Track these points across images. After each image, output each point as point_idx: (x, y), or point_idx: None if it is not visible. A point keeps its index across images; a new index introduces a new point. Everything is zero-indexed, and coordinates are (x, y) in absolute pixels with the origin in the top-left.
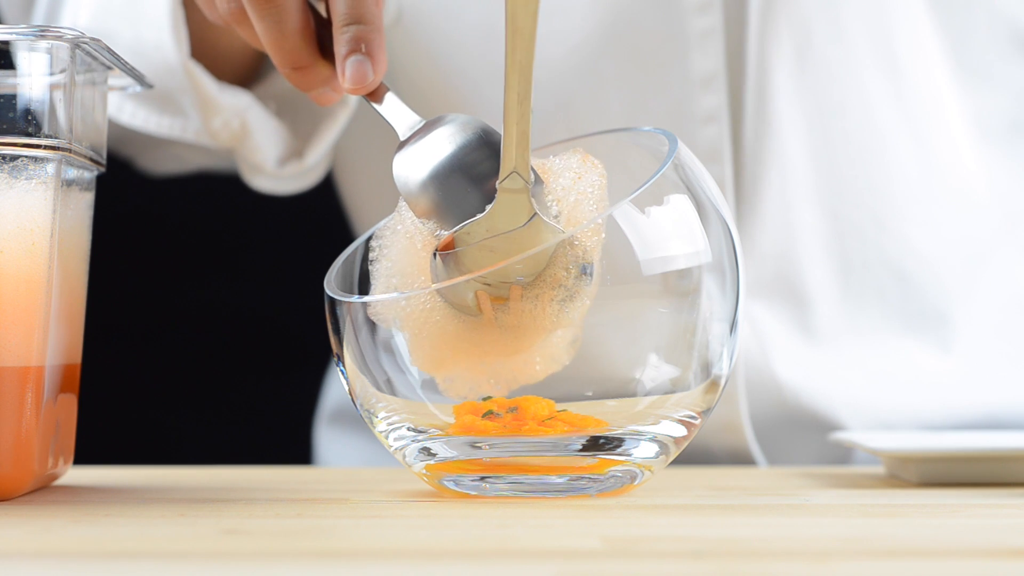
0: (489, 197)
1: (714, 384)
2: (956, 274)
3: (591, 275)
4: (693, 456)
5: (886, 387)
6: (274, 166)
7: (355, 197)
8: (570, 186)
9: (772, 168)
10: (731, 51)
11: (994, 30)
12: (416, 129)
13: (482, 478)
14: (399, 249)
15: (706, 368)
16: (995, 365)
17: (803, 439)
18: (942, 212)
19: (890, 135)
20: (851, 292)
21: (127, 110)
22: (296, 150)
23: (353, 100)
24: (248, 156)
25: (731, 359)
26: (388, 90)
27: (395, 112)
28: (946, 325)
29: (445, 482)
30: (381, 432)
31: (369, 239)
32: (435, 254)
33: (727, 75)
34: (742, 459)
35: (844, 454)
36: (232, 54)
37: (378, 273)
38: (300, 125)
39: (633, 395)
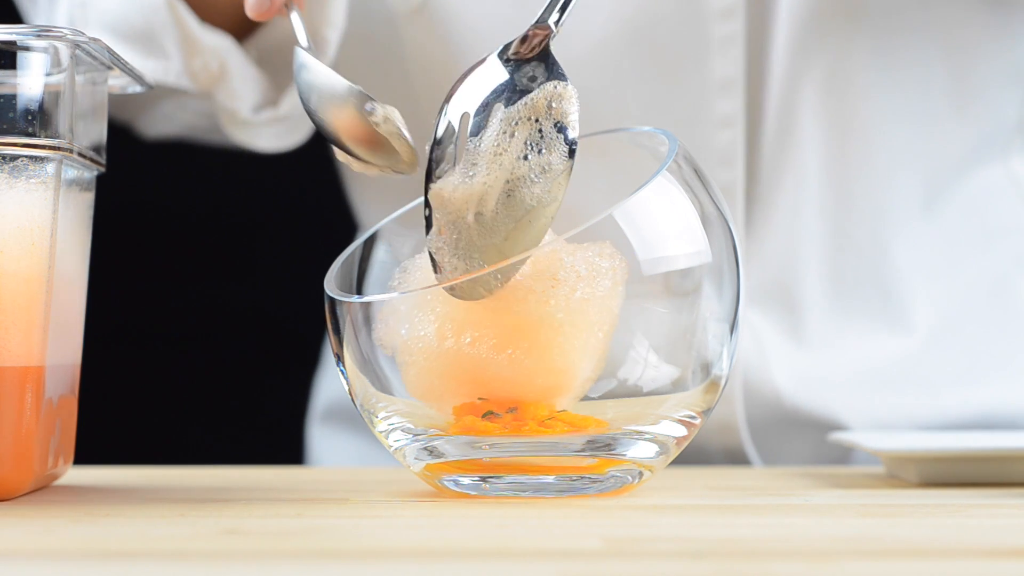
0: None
1: (714, 384)
2: (935, 293)
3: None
4: (689, 456)
5: (872, 392)
6: (249, 113)
7: (360, 191)
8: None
9: (788, 176)
10: (752, 57)
11: (995, 65)
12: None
13: (482, 478)
14: (416, 283)
15: (706, 368)
16: (975, 376)
17: (797, 440)
18: (928, 236)
19: (903, 160)
20: (839, 306)
21: None
22: (272, 99)
23: (332, 53)
24: (225, 101)
25: (731, 359)
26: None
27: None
28: (920, 338)
29: (445, 482)
30: (381, 432)
31: (367, 239)
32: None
33: (746, 81)
34: (737, 459)
35: (839, 454)
36: (219, 8)
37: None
38: (279, 76)
39: (633, 395)
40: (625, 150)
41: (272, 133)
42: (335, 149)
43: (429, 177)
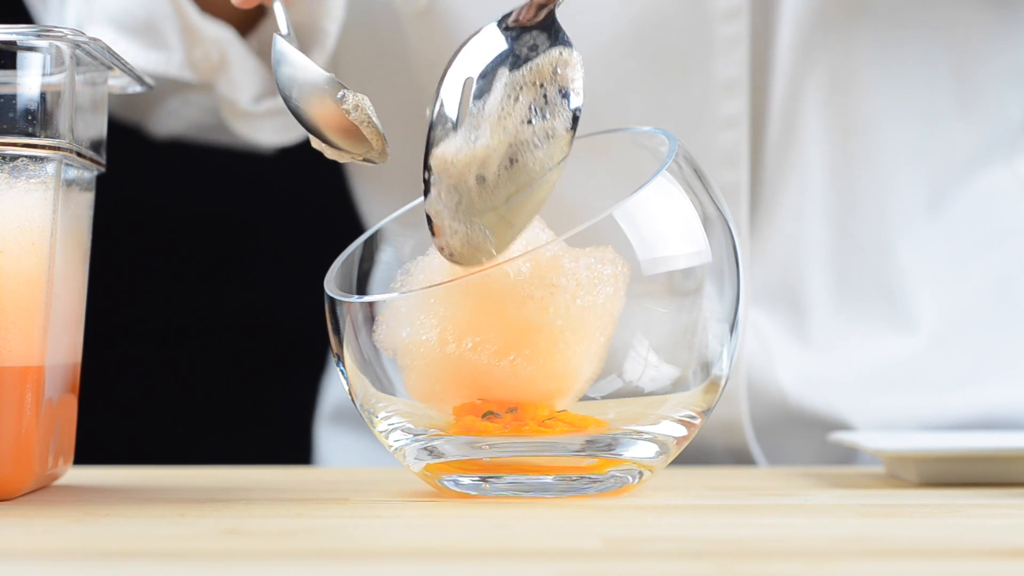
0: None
1: (714, 384)
2: (940, 294)
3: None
4: (693, 455)
5: (877, 392)
6: (249, 103)
7: (367, 193)
8: (585, 280)
9: (792, 177)
10: (756, 58)
11: (999, 65)
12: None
13: (482, 478)
14: (418, 285)
15: (706, 368)
16: (980, 376)
17: (802, 439)
18: (932, 236)
19: (908, 161)
20: (843, 306)
21: (118, 49)
22: (272, 90)
23: (330, 45)
24: (225, 91)
25: (731, 359)
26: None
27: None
28: (924, 338)
29: (445, 482)
30: (381, 432)
31: (368, 239)
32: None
33: (750, 82)
34: (741, 458)
35: (843, 453)
36: (220, 2)
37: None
38: None
39: (633, 395)
40: (625, 150)
41: (274, 127)
42: (310, 137)
43: (429, 142)
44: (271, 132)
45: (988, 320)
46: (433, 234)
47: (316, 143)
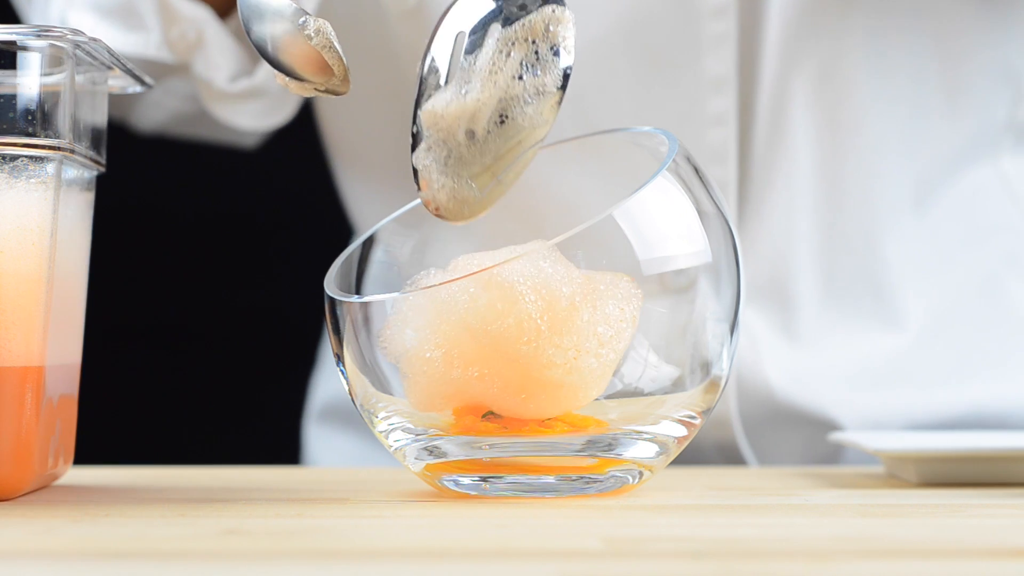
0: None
1: (714, 384)
2: (926, 291)
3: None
4: (683, 453)
5: (864, 389)
6: (225, 83)
7: (354, 191)
8: (613, 313)
9: (780, 174)
10: (743, 55)
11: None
12: None
13: (482, 478)
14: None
15: (706, 368)
16: (966, 373)
17: (790, 436)
18: (919, 233)
19: (894, 157)
20: (831, 303)
21: (98, 33)
22: (249, 71)
23: (312, 5)
24: (202, 71)
25: (731, 359)
26: None
27: None
28: (911, 335)
29: (445, 482)
30: (381, 432)
31: (367, 239)
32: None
33: (738, 79)
34: (730, 455)
35: (831, 450)
36: None
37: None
38: None
39: (633, 395)
40: (625, 150)
41: (252, 110)
42: (275, 72)
43: (419, 95)
44: (250, 116)
45: (974, 317)
46: (419, 188)
47: (280, 78)
